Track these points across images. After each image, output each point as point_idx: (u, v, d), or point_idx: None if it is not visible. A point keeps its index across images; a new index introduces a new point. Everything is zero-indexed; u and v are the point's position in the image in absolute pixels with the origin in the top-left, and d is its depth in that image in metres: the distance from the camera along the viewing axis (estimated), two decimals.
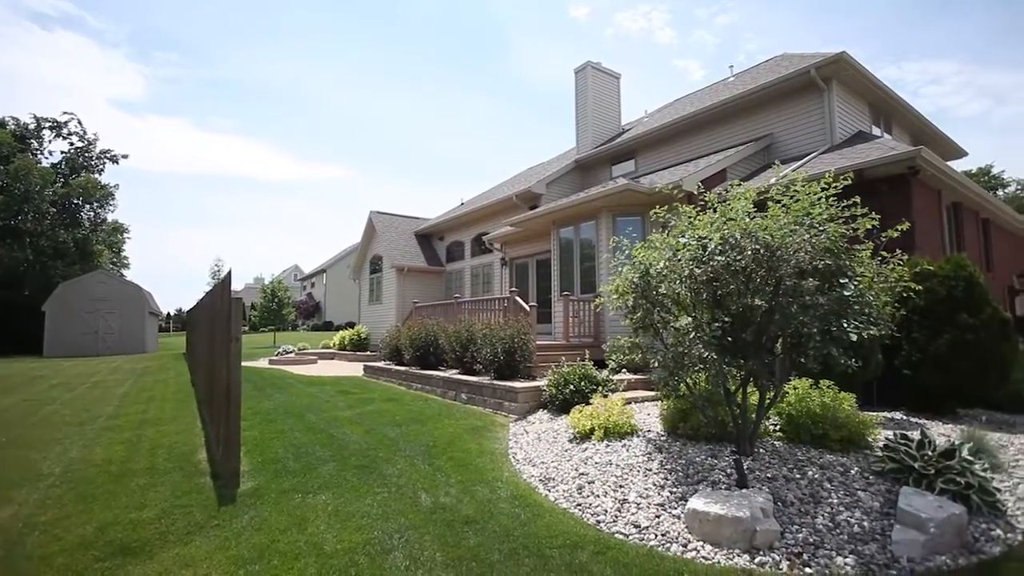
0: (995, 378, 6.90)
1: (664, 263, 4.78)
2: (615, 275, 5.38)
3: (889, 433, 4.80)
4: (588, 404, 6.30)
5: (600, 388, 7.02)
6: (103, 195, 31.25)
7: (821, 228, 4.39)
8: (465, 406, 8.25)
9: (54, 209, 29.25)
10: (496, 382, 8.05)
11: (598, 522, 3.92)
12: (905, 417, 6.53)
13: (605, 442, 5.37)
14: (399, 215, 22.90)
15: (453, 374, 9.49)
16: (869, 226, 4.59)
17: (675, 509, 3.92)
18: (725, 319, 4.46)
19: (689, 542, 3.52)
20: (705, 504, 3.62)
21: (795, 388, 5.27)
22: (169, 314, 64.41)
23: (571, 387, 6.99)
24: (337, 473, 5.07)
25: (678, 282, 4.65)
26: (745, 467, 4.27)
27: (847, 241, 4.49)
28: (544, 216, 12.61)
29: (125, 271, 38.25)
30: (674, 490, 4.19)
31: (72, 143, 31.93)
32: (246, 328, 44.49)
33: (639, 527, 3.77)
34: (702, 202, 5.44)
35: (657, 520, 3.83)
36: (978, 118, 73.96)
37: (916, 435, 4.41)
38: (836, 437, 4.82)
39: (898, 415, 6.63)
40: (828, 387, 5.22)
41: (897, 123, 14.02)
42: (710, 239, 4.55)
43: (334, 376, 12.71)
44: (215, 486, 4.73)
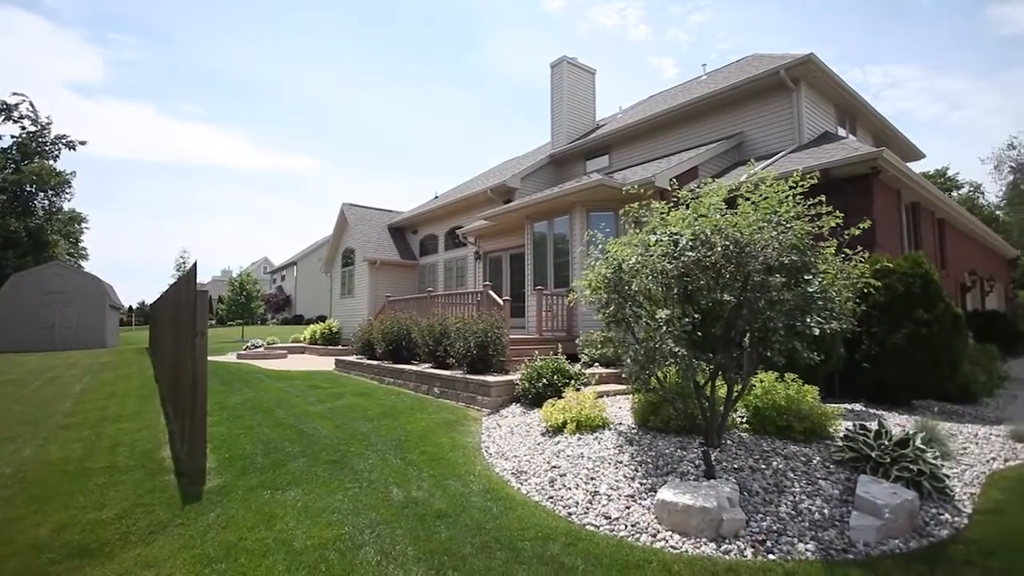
0: (947, 370, 7.24)
1: (636, 258, 4.83)
2: (588, 270, 5.41)
3: (849, 424, 4.97)
4: (561, 398, 6.35)
5: (573, 382, 7.08)
6: (58, 182, 29.93)
7: (788, 226, 4.51)
8: (438, 400, 8.22)
9: (3, 196, 27.85)
10: (469, 376, 8.04)
11: (570, 514, 3.97)
12: (864, 408, 6.79)
13: (577, 435, 5.43)
14: (372, 208, 22.59)
15: (426, 368, 9.43)
16: (833, 224, 4.74)
17: (645, 500, 3.99)
18: (695, 314, 4.55)
19: (658, 532, 3.59)
20: (674, 495, 3.70)
21: (761, 381, 5.41)
22: (131, 307, 62.14)
23: (544, 381, 7.03)
24: (307, 469, 5.00)
25: (650, 277, 4.70)
26: (713, 458, 4.37)
27: (812, 238, 4.62)
28: (518, 210, 12.60)
29: (83, 263, 36.77)
30: (644, 481, 4.27)
31: (24, 127, 30.42)
32: (213, 322, 43.35)
33: (610, 518, 3.83)
34: (674, 198, 5.52)
35: (627, 511, 3.90)
36: (935, 121, 77.07)
37: (874, 426, 4.59)
38: (800, 428, 4.97)
39: (858, 406, 6.88)
40: (793, 380, 5.38)
41: (861, 124, 14.47)
42: (682, 235, 4.62)
43: (304, 371, 12.49)
44: (180, 484, 4.61)
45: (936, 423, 5.32)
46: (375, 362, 11.16)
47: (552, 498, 4.26)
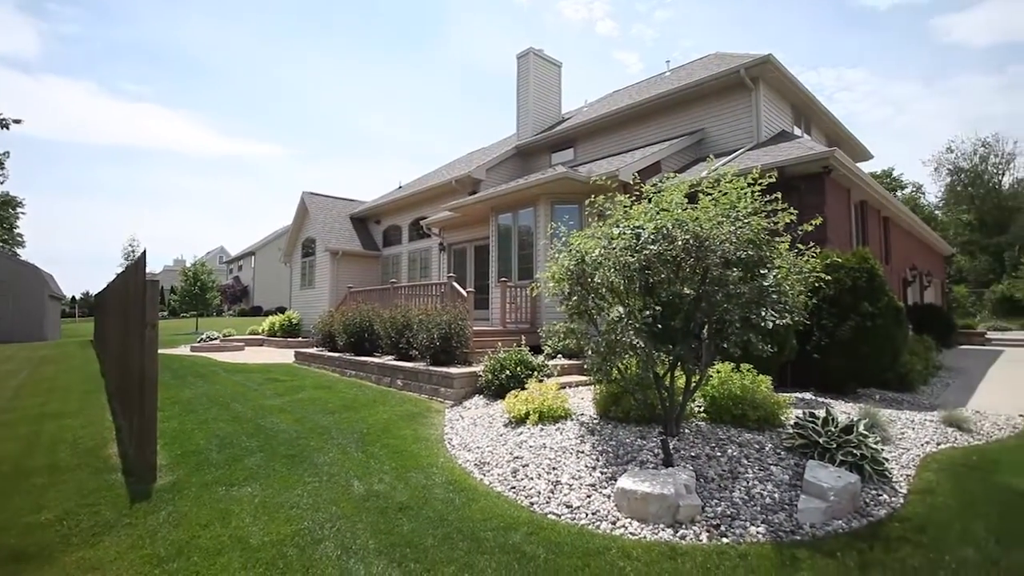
0: (889, 360, 7.66)
1: (599, 251, 4.89)
2: (552, 262, 5.45)
3: (799, 412, 5.19)
4: (524, 389, 6.39)
5: (536, 373, 7.13)
6: None
7: (745, 221, 4.65)
8: (401, 392, 8.14)
9: None
10: (432, 368, 7.99)
11: (532, 504, 4.01)
12: (814, 397, 7.10)
13: (540, 426, 5.48)
14: (334, 197, 22.05)
15: (388, 360, 9.32)
16: (787, 220, 4.91)
17: (605, 489, 4.07)
18: (656, 306, 4.64)
19: (618, 519, 3.67)
20: (633, 483, 3.78)
21: (718, 372, 5.58)
22: (75, 298, 58.92)
23: (507, 372, 7.05)
24: (265, 463, 4.88)
25: (612, 270, 4.77)
26: (671, 447, 4.49)
27: (768, 234, 4.78)
28: (483, 202, 12.55)
29: (20, 250, 34.56)
30: (605, 471, 4.35)
31: None
32: (164, 313, 41.63)
33: (571, 507, 3.89)
34: (637, 192, 5.60)
35: (588, 500, 3.96)
36: (882, 124, 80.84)
37: (822, 413, 4.80)
38: (754, 417, 5.16)
39: (808, 395, 7.19)
40: (748, 370, 5.56)
41: (815, 125, 15.03)
42: (644, 228, 4.70)
43: (262, 363, 12.14)
44: (127, 482, 4.42)
45: (878, 410, 5.62)
46: (336, 354, 10.95)
47: (514, 488, 4.29)
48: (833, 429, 4.48)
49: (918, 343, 10.87)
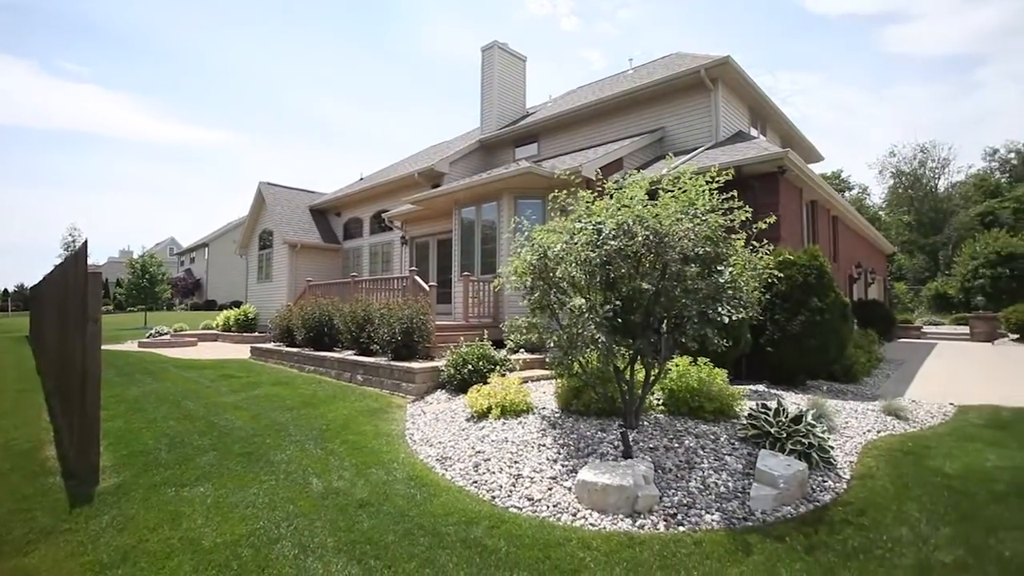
0: (836, 353, 8.04)
1: (561, 246, 4.92)
2: (515, 256, 5.45)
3: (753, 404, 5.39)
4: (486, 383, 6.38)
5: (498, 368, 7.14)
6: None
7: (704, 218, 4.76)
8: (361, 388, 8.00)
9: None
10: (394, 363, 7.89)
11: (493, 498, 4.01)
12: (767, 389, 7.38)
13: (502, 420, 5.49)
14: (293, 188, 21.41)
15: (349, 355, 9.14)
16: (743, 218, 5.06)
17: (567, 481, 4.12)
18: (616, 301, 4.71)
19: (579, 511, 3.71)
20: (593, 475, 3.84)
21: (676, 365, 5.72)
22: (7, 291, 55.18)
23: (470, 367, 7.03)
24: (218, 462, 4.71)
25: (574, 265, 4.81)
26: (631, 439, 4.58)
27: (725, 231, 4.92)
28: (447, 195, 12.44)
29: None
30: (566, 463, 4.40)
31: None
32: (110, 308, 39.54)
33: (532, 500, 3.92)
34: (600, 188, 5.66)
35: (549, 492, 4.00)
36: (832, 127, 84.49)
37: (773, 405, 5.00)
38: (710, 409, 5.32)
39: (761, 387, 7.47)
40: (704, 364, 5.73)
41: (771, 126, 15.56)
42: (605, 224, 4.75)
43: (217, 359, 11.70)
44: (67, 486, 4.18)
45: (825, 401, 5.89)
46: (295, 349, 10.66)
47: (476, 483, 4.29)
48: (784, 420, 4.67)
49: (862, 337, 11.46)
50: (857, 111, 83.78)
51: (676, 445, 4.62)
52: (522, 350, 8.63)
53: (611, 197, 5.18)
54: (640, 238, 4.53)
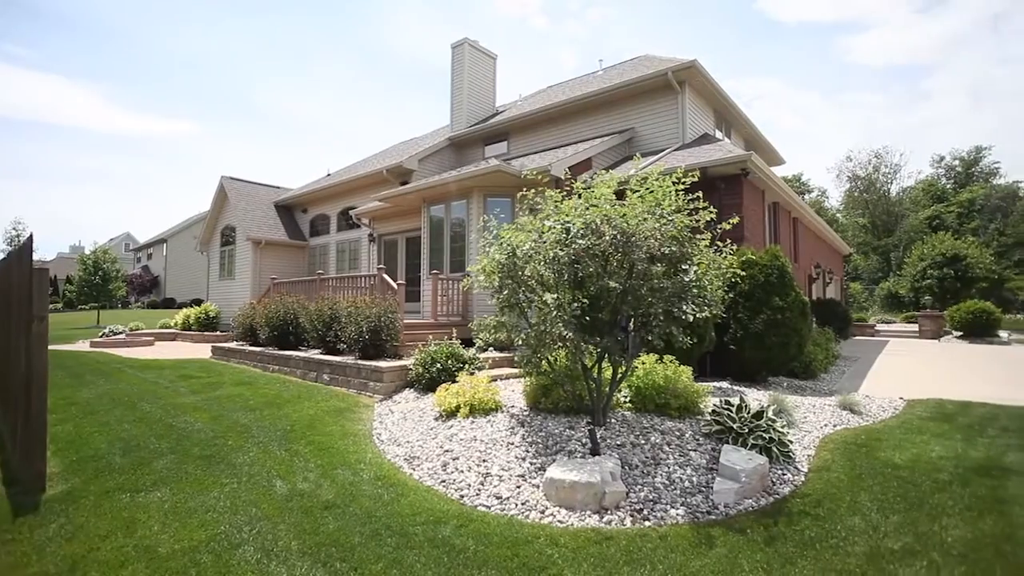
0: (795, 351, 8.31)
1: (530, 245, 4.93)
2: (483, 255, 5.43)
3: (717, 400, 5.51)
4: (455, 382, 6.34)
5: (467, 366, 7.11)
6: None
7: (670, 218, 4.85)
8: (328, 387, 7.85)
9: None
10: (361, 362, 7.77)
11: (462, 497, 3.99)
12: (730, 386, 7.58)
13: (471, 419, 5.47)
14: (256, 183, 20.82)
15: (315, 354, 8.95)
16: (708, 218, 5.18)
17: (535, 479, 4.13)
18: (584, 300, 4.75)
19: (547, 508, 3.73)
20: (561, 472, 3.86)
21: (643, 363, 5.81)
22: None
23: (438, 366, 6.98)
24: (176, 466, 4.54)
25: (543, 263, 4.83)
26: (598, 436, 4.63)
27: (690, 231, 5.02)
28: (415, 192, 12.31)
29: None
30: (534, 461, 4.41)
31: None
32: (59, 306, 37.68)
33: (501, 498, 3.91)
34: (568, 187, 5.69)
35: (518, 490, 4.01)
36: (793, 131, 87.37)
37: (736, 401, 5.13)
38: (675, 406, 5.42)
39: (725, 384, 7.66)
40: (670, 361, 5.83)
41: (735, 130, 15.96)
42: (573, 223, 4.78)
43: (176, 359, 11.29)
44: (9, 494, 3.97)
45: (785, 397, 6.09)
46: (259, 349, 10.38)
47: (444, 482, 4.26)
48: (746, 415, 4.80)
49: (820, 335, 11.89)
50: (816, 116, 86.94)
51: (643, 442, 4.69)
52: (491, 348, 8.65)
53: (580, 196, 5.22)
54: (608, 237, 4.58)
